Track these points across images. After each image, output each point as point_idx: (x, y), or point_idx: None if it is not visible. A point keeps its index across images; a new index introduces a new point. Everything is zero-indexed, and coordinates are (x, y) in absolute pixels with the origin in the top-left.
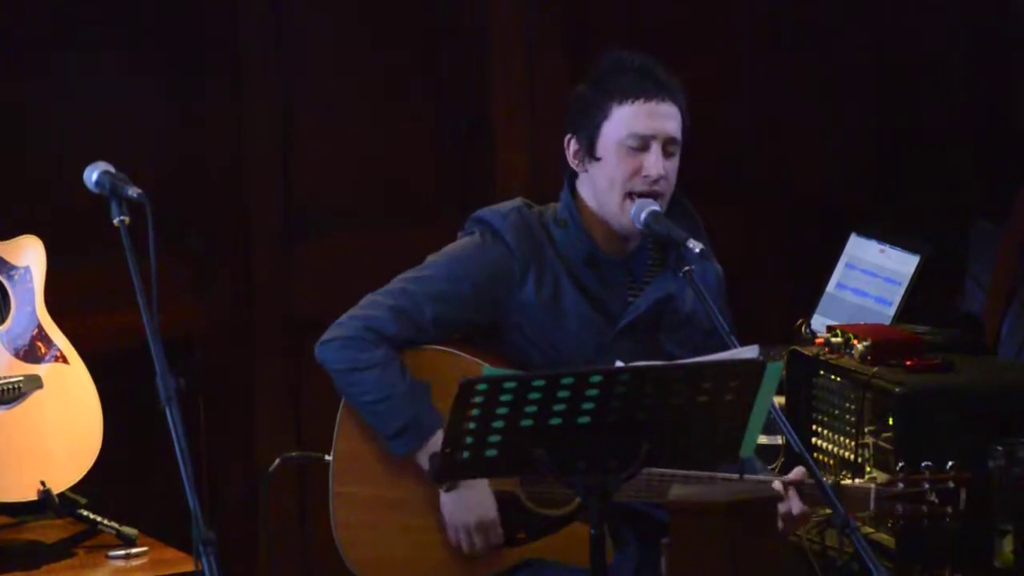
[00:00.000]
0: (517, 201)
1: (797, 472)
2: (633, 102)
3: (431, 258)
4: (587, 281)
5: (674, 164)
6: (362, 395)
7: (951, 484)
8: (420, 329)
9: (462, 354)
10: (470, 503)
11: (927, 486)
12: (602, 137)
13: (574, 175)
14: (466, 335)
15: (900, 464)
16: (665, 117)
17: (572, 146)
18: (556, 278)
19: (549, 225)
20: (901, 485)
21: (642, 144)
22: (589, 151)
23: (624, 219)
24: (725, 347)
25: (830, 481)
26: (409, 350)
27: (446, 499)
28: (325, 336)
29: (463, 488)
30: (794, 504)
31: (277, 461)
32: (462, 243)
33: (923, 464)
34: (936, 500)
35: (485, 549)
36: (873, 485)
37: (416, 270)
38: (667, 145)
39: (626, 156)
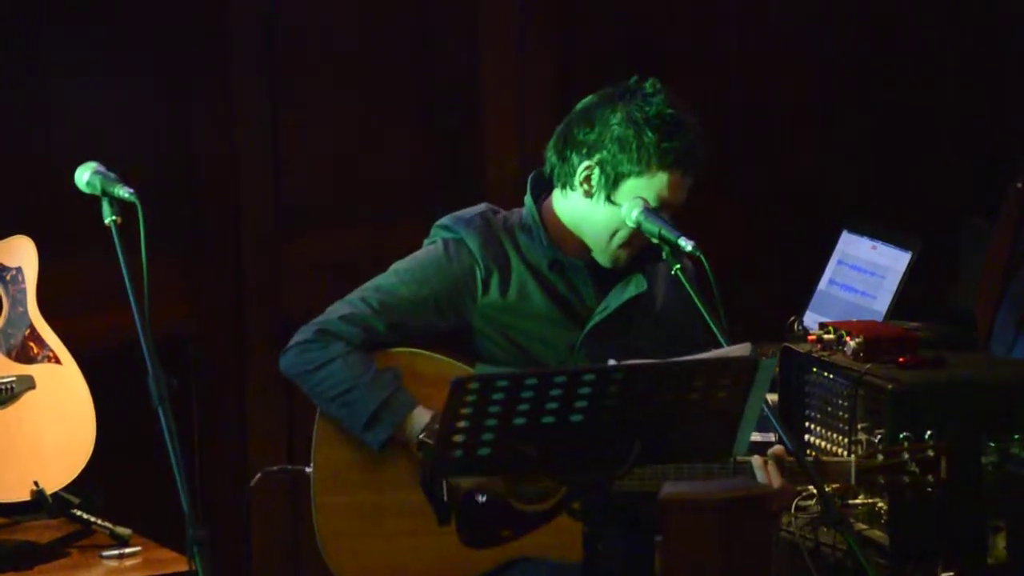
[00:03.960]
0: (482, 206)
1: (777, 448)
2: (673, 173)
3: (396, 265)
4: (553, 284)
5: None
6: (329, 391)
7: (931, 453)
8: (376, 334)
9: (435, 354)
10: None
11: (907, 456)
12: (627, 187)
13: (549, 184)
14: (430, 340)
15: (879, 436)
16: (687, 189)
17: (586, 171)
18: (522, 282)
19: (514, 230)
20: (881, 457)
21: (660, 208)
22: (607, 191)
23: (612, 258)
24: (699, 343)
25: (811, 456)
26: (380, 352)
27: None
28: (286, 346)
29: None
30: (774, 478)
31: (258, 476)
32: (425, 251)
33: (902, 434)
34: (917, 470)
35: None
36: (853, 458)
37: (379, 278)
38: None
39: None
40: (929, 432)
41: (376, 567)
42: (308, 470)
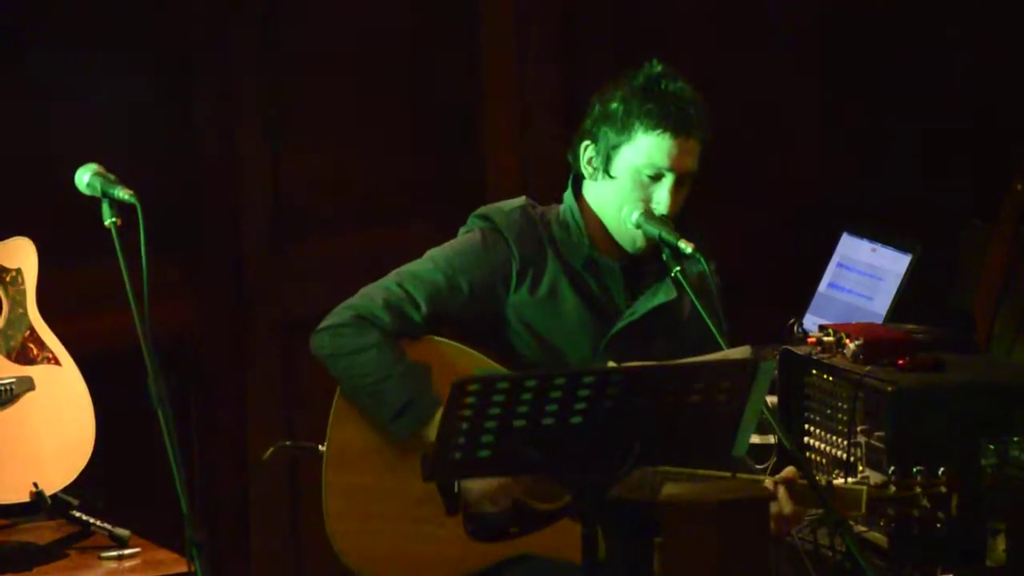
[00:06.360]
0: (521, 200)
1: (788, 471)
2: (659, 134)
3: (432, 252)
4: (586, 284)
5: (684, 193)
6: (361, 378)
7: (943, 489)
8: (411, 321)
9: (463, 346)
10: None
11: (919, 490)
12: (620, 157)
13: (579, 178)
14: (460, 330)
15: (892, 468)
16: (686, 153)
17: (588, 153)
18: (555, 279)
19: (551, 226)
20: (893, 488)
21: (658, 175)
22: (604, 165)
23: (629, 238)
24: (718, 351)
25: (823, 481)
26: (408, 340)
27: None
28: (319, 326)
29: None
30: (784, 504)
31: (271, 449)
32: (463, 239)
33: (915, 468)
34: (928, 505)
35: (504, 508)
36: (865, 487)
37: (415, 263)
38: (682, 178)
39: (640, 183)
40: (943, 468)
41: (379, 550)
42: (321, 448)
